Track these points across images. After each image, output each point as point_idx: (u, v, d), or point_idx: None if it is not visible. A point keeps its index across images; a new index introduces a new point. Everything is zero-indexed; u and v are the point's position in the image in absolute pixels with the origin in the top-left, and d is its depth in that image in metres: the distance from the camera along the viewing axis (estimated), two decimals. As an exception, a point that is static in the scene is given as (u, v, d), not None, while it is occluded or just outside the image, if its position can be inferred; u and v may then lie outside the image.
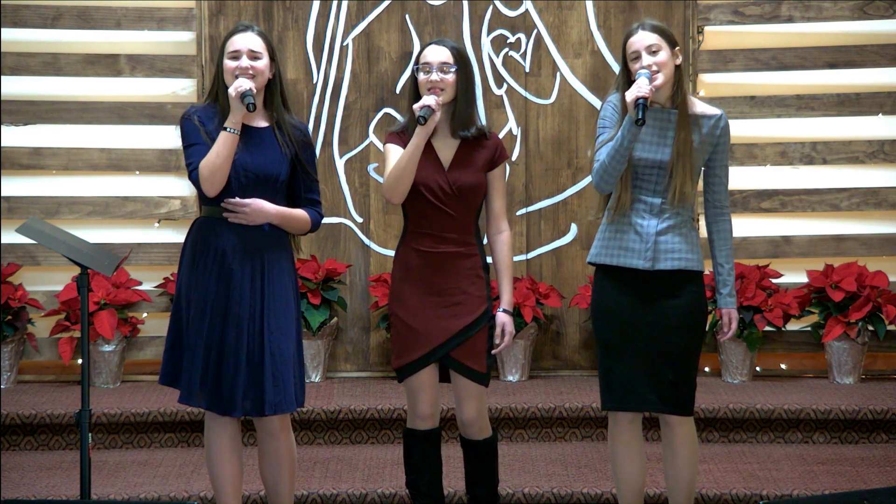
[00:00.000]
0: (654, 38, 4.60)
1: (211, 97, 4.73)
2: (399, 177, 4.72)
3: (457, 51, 4.81)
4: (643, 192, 4.65)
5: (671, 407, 4.68)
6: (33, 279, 6.94)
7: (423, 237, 4.82)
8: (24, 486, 5.61)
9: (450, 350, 4.80)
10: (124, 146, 6.98)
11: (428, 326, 4.79)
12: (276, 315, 4.65)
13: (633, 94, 4.49)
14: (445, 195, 4.78)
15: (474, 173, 4.81)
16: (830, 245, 7.00)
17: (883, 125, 7.00)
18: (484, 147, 4.85)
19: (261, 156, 4.64)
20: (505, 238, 4.90)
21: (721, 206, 4.75)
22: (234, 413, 4.62)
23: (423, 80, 4.78)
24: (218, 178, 4.56)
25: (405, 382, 4.88)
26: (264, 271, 4.65)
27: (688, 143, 4.60)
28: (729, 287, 4.74)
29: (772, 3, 6.95)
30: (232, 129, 4.55)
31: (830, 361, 6.79)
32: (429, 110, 4.65)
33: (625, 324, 4.66)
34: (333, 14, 6.98)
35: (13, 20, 6.89)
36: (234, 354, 4.61)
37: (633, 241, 4.64)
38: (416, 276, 4.82)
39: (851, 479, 5.67)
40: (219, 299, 4.62)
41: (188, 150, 4.63)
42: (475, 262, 4.85)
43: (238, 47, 4.63)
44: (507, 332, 4.86)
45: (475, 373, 4.83)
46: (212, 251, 4.63)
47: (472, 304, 4.82)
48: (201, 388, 4.63)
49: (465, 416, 4.88)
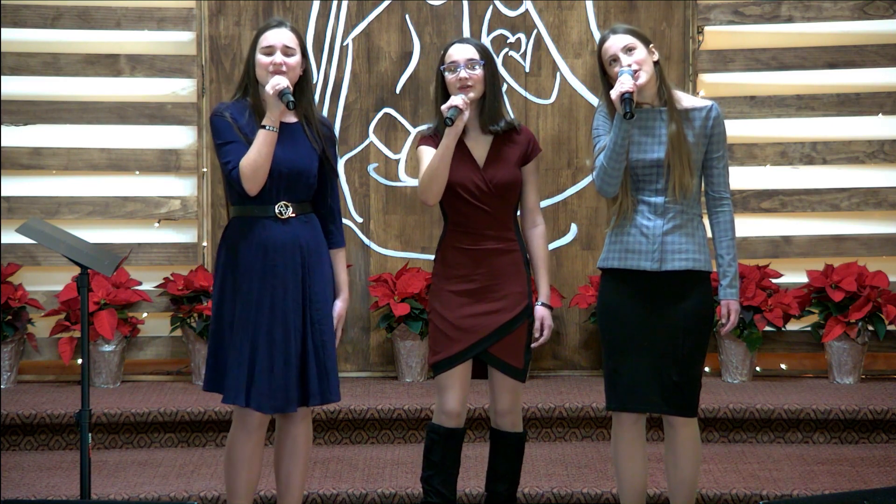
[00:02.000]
0: (628, 38, 4.61)
1: (240, 92, 4.72)
2: (432, 178, 4.73)
3: (481, 47, 4.82)
4: (644, 192, 4.65)
5: (675, 408, 4.67)
6: (33, 279, 6.94)
7: (463, 235, 4.83)
8: (24, 486, 5.61)
9: (488, 346, 4.82)
10: (124, 146, 6.98)
11: (467, 323, 4.80)
12: (318, 308, 4.68)
13: (617, 90, 4.50)
14: (483, 193, 4.79)
15: (509, 169, 4.83)
16: (830, 245, 7.00)
17: (883, 125, 7.00)
18: (516, 142, 4.86)
19: (293, 151, 4.65)
20: (540, 231, 4.91)
21: (720, 198, 4.72)
22: (288, 409, 4.63)
23: (451, 78, 4.77)
24: (260, 176, 4.56)
25: (437, 378, 4.87)
26: (304, 264, 4.67)
27: (680, 136, 4.59)
28: (729, 278, 4.71)
29: (772, 3, 6.95)
30: (271, 127, 4.55)
31: (830, 361, 6.79)
32: (456, 111, 4.65)
33: (630, 324, 4.66)
34: (333, 14, 6.98)
35: (13, 20, 6.89)
36: (283, 350, 4.61)
37: (640, 243, 4.64)
38: (457, 273, 4.83)
39: (851, 479, 5.67)
40: (263, 296, 4.62)
41: (223, 148, 4.62)
42: (516, 258, 4.86)
43: (272, 42, 4.62)
44: (547, 325, 4.89)
45: (513, 369, 4.85)
46: (252, 249, 4.63)
47: (513, 300, 4.83)
48: (249, 386, 4.61)
49: (499, 406, 4.90)
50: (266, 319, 4.62)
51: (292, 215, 4.67)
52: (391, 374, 6.97)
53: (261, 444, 4.72)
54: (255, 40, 4.67)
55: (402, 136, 7.02)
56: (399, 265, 6.96)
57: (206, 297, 6.73)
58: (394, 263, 7.01)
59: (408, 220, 7.04)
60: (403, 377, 6.85)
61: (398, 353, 6.86)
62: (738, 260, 4.76)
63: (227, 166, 4.60)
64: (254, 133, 4.58)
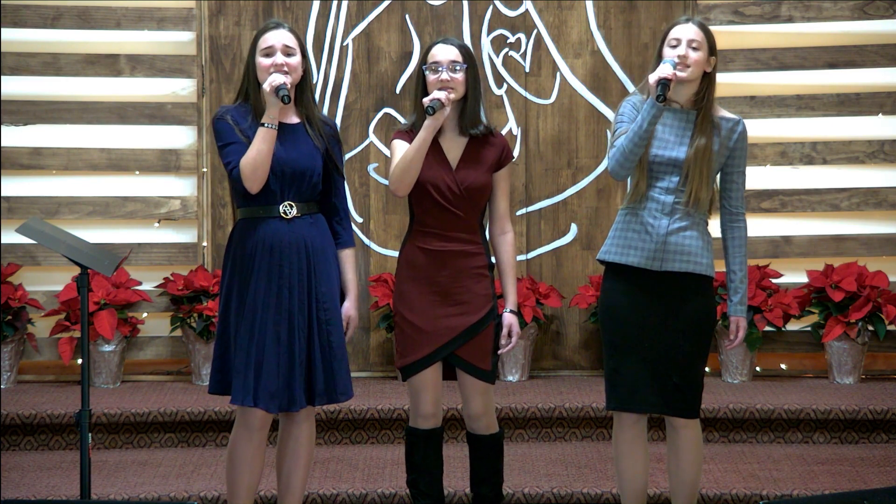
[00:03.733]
0: (701, 36, 4.61)
1: (241, 97, 4.72)
2: (406, 169, 4.72)
3: (465, 49, 4.82)
4: (656, 189, 4.64)
5: (675, 409, 4.67)
6: (33, 279, 6.94)
7: (429, 236, 4.83)
8: (24, 486, 5.61)
9: (455, 349, 4.81)
10: (124, 146, 6.98)
11: (434, 325, 4.79)
12: (325, 307, 4.68)
13: (656, 75, 4.50)
14: (453, 195, 4.79)
15: (482, 173, 4.82)
16: (830, 245, 7.00)
17: (883, 125, 7.00)
18: (491, 146, 4.85)
19: (295, 151, 4.65)
20: (509, 239, 4.90)
21: (736, 213, 4.74)
22: (291, 408, 4.63)
23: (432, 79, 4.77)
24: (260, 174, 4.56)
25: (408, 381, 4.87)
26: (310, 264, 4.67)
27: (707, 150, 4.60)
28: (740, 294, 4.72)
29: (772, 3, 6.95)
30: (269, 125, 4.55)
31: (830, 361, 6.79)
32: (438, 103, 4.65)
33: (632, 324, 4.65)
34: (333, 14, 6.98)
35: (13, 20, 6.89)
36: (287, 350, 4.62)
37: (643, 241, 4.63)
38: (421, 274, 4.83)
39: (851, 479, 5.67)
40: (269, 296, 4.62)
41: (225, 149, 4.62)
42: (481, 261, 4.85)
43: (272, 43, 4.63)
44: (514, 332, 4.87)
45: (481, 371, 4.84)
46: (259, 250, 4.64)
47: (478, 303, 4.82)
48: (257, 387, 4.61)
49: (472, 411, 4.89)
50: (272, 320, 4.62)
51: (297, 215, 4.67)
52: (391, 374, 6.97)
53: (263, 445, 4.72)
54: (254, 43, 4.68)
55: (402, 136, 7.01)
56: (399, 265, 6.96)
57: (206, 297, 6.73)
58: (393, 263, 6.97)
59: (407, 221, 7.01)
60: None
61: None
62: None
63: (229, 166, 4.61)
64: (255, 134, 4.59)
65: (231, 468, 4.73)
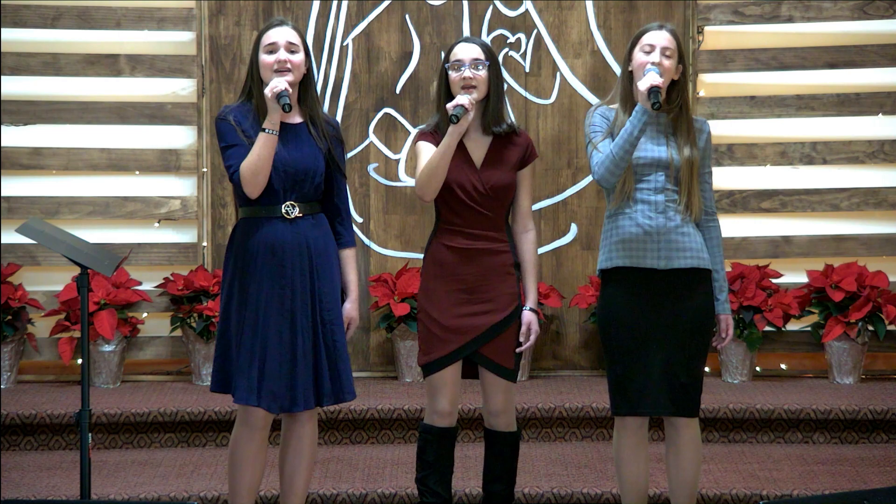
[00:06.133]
0: (674, 44, 4.64)
1: (244, 95, 4.71)
2: (431, 175, 4.72)
3: (487, 47, 4.83)
4: (643, 191, 4.65)
5: (681, 409, 4.67)
6: (33, 279, 6.94)
7: (456, 234, 4.83)
8: (24, 486, 5.61)
9: (479, 347, 4.82)
10: (124, 146, 6.98)
11: (458, 323, 4.80)
12: (328, 307, 4.68)
13: (647, 82, 4.51)
14: (479, 194, 4.79)
15: (506, 172, 4.83)
16: (830, 245, 7.00)
17: (883, 125, 7.00)
18: (515, 144, 4.86)
19: (298, 151, 4.64)
20: (532, 237, 4.92)
21: (711, 213, 4.76)
22: (294, 408, 4.63)
23: (455, 77, 4.77)
24: (260, 179, 4.55)
25: (428, 379, 4.87)
26: (312, 264, 4.66)
27: (695, 162, 4.63)
28: (725, 292, 4.76)
29: (772, 3, 6.95)
30: (270, 131, 4.54)
31: (830, 361, 6.79)
32: (462, 109, 4.64)
33: (638, 327, 4.65)
34: (333, 14, 6.98)
35: (13, 20, 6.89)
36: (290, 350, 4.61)
37: (644, 241, 4.64)
38: (447, 272, 4.83)
39: (851, 479, 5.67)
40: (272, 296, 4.61)
41: (227, 151, 4.61)
42: (507, 259, 4.86)
43: (275, 40, 4.61)
44: (534, 330, 4.88)
45: (504, 369, 4.85)
46: (260, 250, 4.63)
47: (504, 302, 4.82)
48: (260, 387, 4.60)
49: (492, 407, 4.89)
50: (275, 320, 4.61)
51: (299, 215, 4.66)
52: (391, 374, 6.97)
53: (264, 444, 4.71)
54: (257, 41, 4.66)
55: (402, 136, 7.02)
56: (399, 265, 6.97)
57: (206, 297, 6.73)
58: (394, 263, 7.02)
59: (408, 221, 7.04)
60: (403, 377, 6.86)
61: (398, 353, 6.86)
62: (734, 260, 4.80)
63: (230, 170, 4.60)
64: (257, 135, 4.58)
65: (232, 467, 4.72)
